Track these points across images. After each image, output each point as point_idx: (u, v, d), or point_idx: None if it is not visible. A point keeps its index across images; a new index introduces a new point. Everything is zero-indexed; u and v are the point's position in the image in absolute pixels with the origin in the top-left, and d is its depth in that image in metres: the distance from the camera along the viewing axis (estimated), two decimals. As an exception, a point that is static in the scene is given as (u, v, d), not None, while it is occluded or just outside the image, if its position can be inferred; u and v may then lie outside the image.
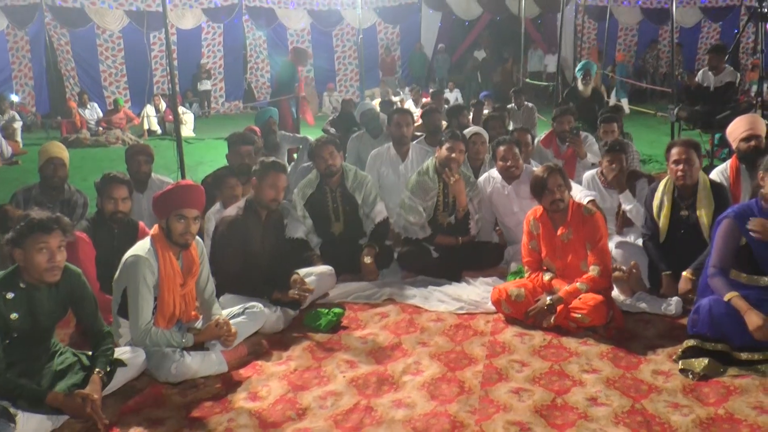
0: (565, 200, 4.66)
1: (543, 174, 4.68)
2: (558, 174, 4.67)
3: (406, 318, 4.87)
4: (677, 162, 4.81)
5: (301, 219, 5.81)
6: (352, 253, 5.68)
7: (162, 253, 3.96)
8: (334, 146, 5.74)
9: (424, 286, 5.44)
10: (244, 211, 4.81)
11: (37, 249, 3.36)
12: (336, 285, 5.44)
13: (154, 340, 3.89)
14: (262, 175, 4.78)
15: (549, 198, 4.67)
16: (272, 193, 4.78)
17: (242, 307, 4.39)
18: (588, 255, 4.61)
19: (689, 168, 4.77)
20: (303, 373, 4.06)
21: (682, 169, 4.79)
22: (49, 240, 3.38)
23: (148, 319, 3.90)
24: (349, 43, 21.51)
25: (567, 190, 4.70)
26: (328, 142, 5.77)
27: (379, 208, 5.84)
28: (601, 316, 4.42)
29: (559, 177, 4.65)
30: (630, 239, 5.55)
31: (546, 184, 4.65)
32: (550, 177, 4.64)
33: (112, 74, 18.79)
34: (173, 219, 3.98)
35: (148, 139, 15.30)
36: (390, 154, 6.86)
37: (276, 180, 4.78)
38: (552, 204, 4.66)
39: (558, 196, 4.63)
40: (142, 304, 3.87)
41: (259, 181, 4.80)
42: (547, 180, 4.64)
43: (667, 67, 20.53)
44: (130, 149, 6.23)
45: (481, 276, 5.59)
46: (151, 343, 3.89)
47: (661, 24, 21.41)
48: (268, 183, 4.77)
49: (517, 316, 4.68)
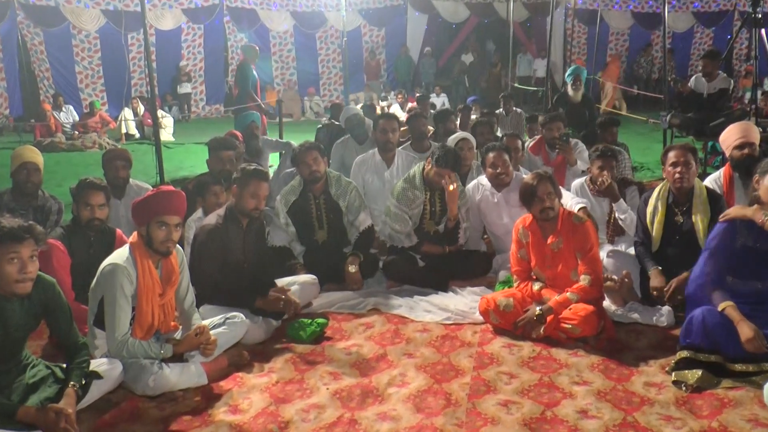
0: (555, 208, 4.68)
1: (533, 181, 4.69)
2: (548, 181, 4.68)
3: (392, 328, 4.86)
4: (675, 164, 4.84)
5: (284, 227, 5.81)
6: (336, 261, 5.67)
7: (141, 262, 3.93)
8: (318, 152, 5.74)
9: (410, 295, 5.44)
10: (224, 219, 4.80)
11: (8, 259, 3.27)
12: (319, 294, 5.43)
13: (131, 352, 3.86)
14: (243, 183, 4.77)
15: (538, 206, 4.69)
16: (253, 202, 4.77)
17: (223, 317, 4.37)
18: (578, 264, 4.63)
19: (687, 171, 4.80)
20: (285, 385, 4.04)
21: (680, 171, 4.81)
22: (20, 250, 3.29)
23: (126, 329, 3.88)
24: (333, 45, 21.55)
25: (557, 198, 4.71)
26: (312, 147, 5.76)
27: (363, 216, 5.84)
28: (592, 326, 4.44)
29: (548, 185, 4.67)
30: (621, 248, 5.57)
31: (535, 191, 4.66)
32: (539, 184, 4.66)
33: (88, 76, 18.67)
34: (154, 226, 3.96)
35: (125, 143, 15.21)
36: (375, 160, 6.86)
37: (257, 189, 4.77)
38: (542, 212, 4.68)
39: (548, 204, 4.65)
40: (120, 314, 3.84)
41: (239, 190, 4.78)
42: (537, 188, 4.65)
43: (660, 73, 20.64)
44: (108, 154, 6.20)
45: (469, 285, 5.59)
46: (129, 355, 3.86)
47: (653, 29, 21.61)
48: (249, 192, 4.76)
49: (506, 326, 4.69)
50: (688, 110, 9.49)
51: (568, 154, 7.10)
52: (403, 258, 5.73)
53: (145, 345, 3.90)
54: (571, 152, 7.11)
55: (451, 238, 5.76)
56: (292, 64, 21.50)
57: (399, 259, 5.72)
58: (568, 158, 7.10)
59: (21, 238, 3.30)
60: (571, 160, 7.09)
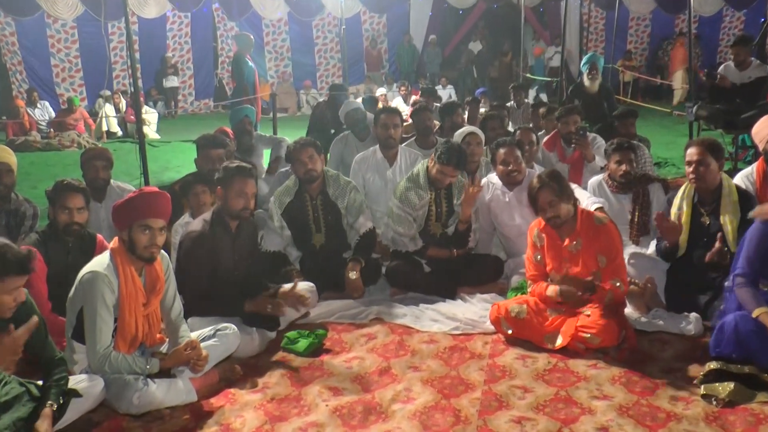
0: (561, 216, 4.63)
1: (535, 186, 4.67)
2: (549, 188, 4.60)
3: (396, 340, 4.86)
4: (689, 163, 4.88)
5: (279, 230, 5.81)
6: (336, 267, 5.68)
7: (123, 269, 3.93)
8: (314, 148, 5.73)
9: (415, 304, 5.44)
10: (211, 224, 4.79)
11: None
12: (318, 303, 5.43)
13: (114, 366, 3.86)
14: (227, 182, 4.76)
15: (542, 216, 4.70)
16: (241, 201, 4.76)
17: (213, 328, 4.37)
18: (601, 271, 4.61)
19: (704, 170, 4.81)
20: (281, 402, 4.04)
21: (693, 171, 4.85)
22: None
23: (108, 342, 3.87)
24: (331, 34, 21.60)
25: (564, 202, 4.63)
26: (307, 144, 5.76)
27: (364, 218, 5.85)
28: (612, 335, 4.42)
29: (549, 192, 4.60)
30: (644, 250, 5.56)
31: (536, 199, 4.67)
32: (540, 192, 4.63)
33: (65, 69, 18.64)
34: (137, 230, 3.95)
35: (107, 142, 15.25)
36: (376, 158, 6.86)
37: (243, 186, 4.76)
38: (548, 221, 4.68)
39: (550, 215, 4.64)
40: (101, 325, 3.84)
41: (224, 190, 4.77)
42: (538, 196, 4.65)
43: (686, 62, 20.56)
44: (87, 153, 6.20)
45: (479, 292, 5.60)
46: (111, 370, 3.86)
47: (677, 13, 21.44)
48: (235, 191, 4.75)
49: (519, 336, 4.69)
50: (717, 101, 9.44)
51: (585, 150, 7.07)
52: (408, 263, 5.73)
53: (129, 359, 3.90)
54: (588, 147, 7.08)
55: (460, 241, 5.76)
56: (287, 54, 21.55)
57: (403, 265, 5.72)
58: (585, 154, 7.07)
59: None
60: (589, 156, 7.06)
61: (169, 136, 15.80)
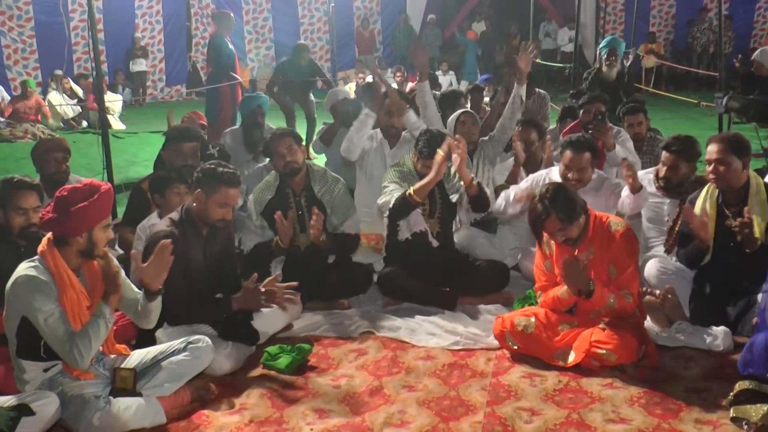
0: (573, 236, 4.62)
1: (539, 214, 4.57)
2: (554, 216, 4.52)
3: (389, 355, 4.87)
4: (708, 162, 4.92)
5: (259, 230, 5.79)
6: (321, 273, 5.69)
7: (57, 272, 3.89)
8: (293, 138, 5.77)
9: (410, 315, 5.46)
10: (180, 224, 4.77)
11: None
12: (301, 315, 5.44)
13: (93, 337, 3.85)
14: (210, 189, 4.72)
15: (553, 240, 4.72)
16: (221, 212, 4.75)
17: (184, 341, 4.35)
18: (612, 282, 4.62)
19: (725, 170, 4.84)
20: (261, 425, 4.04)
21: (713, 170, 4.90)
22: None
23: (70, 329, 3.83)
24: (318, 13, 21.61)
25: (574, 222, 4.57)
26: (285, 134, 5.80)
27: (351, 222, 5.88)
28: (630, 351, 4.44)
29: (556, 221, 4.53)
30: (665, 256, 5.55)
31: (543, 229, 4.64)
32: (547, 222, 4.56)
33: (18, 50, 18.55)
34: (99, 231, 3.97)
35: (64, 132, 15.18)
36: (377, 138, 6.96)
37: (227, 198, 4.74)
38: (563, 243, 4.69)
39: (562, 239, 4.64)
40: (52, 319, 3.80)
41: (205, 196, 4.74)
42: (545, 225, 4.60)
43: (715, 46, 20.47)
44: (41, 145, 6.19)
45: (482, 303, 5.62)
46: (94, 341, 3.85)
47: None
48: (218, 201, 4.72)
49: (527, 351, 4.70)
50: (751, 91, 9.45)
51: (603, 136, 6.92)
52: (403, 270, 5.73)
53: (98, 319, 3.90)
54: (607, 134, 6.96)
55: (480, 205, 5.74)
56: (269, 35, 21.56)
57: (397, 271, 5.73)
58: (604, 142, 6.94)
59: None
60: (608, 144, 6.96)
61: (136, 127, 15.79)
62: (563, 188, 4.69)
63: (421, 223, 5.75)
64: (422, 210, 5.75)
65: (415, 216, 5.71)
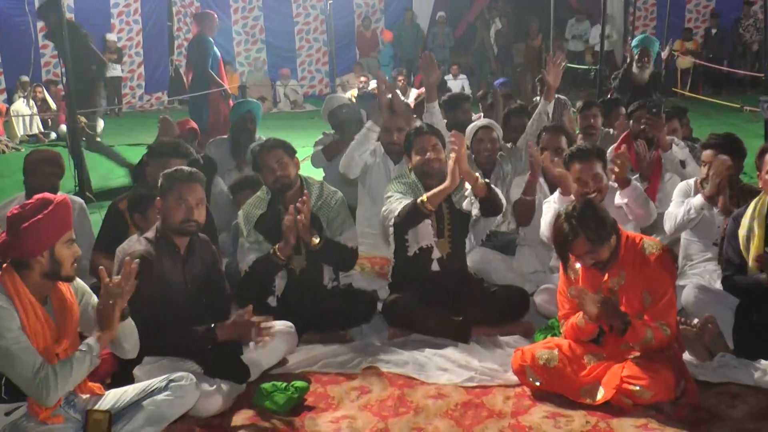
0: (604, 259, 4.59)
1: (566, 235, 4.55)
2: (583, 237, 4.49)
3: (395, 394, 4.86)
4: (759, 167, 4.90)
5: (255, 246, 5.71)
6: (319, 299, 5.70)
7: (19, 301, 3.86)
8: (284, 150, 5.76)
9: (419, 348, 5.44)
10: (155, 244, 4.79)
11: None
12: (297, 348, 5.43)
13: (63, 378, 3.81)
14: (166, 189, 4.78)
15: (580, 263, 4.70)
16: (179, 212, 4.75)
17: (166, 378, 4.33)
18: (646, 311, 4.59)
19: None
20: (250, 472, 4.04)
21: None
22: None
23: (39, 360, 3.80)
24: (315, 11, 21.70)
25: (605, 243, 4.54)
26: (275, 145, 5.78)
27: (349, 234, 5.86)
28: (667, 388, 4.41)
29: (585, 242, 4.50)
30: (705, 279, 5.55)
31: (571, 251, 4.61)
32: (574, 244, 4.54)
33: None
34: (62, 248, 3.95)
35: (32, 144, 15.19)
36: (379, 153, 6.97)
37: (183, 192, 4.75)
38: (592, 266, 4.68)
39: (591, 262, 4.61)
40: (19, 352, 3.75)
41: (163, 200, 4.78)
42: (572, 247, 4.57)
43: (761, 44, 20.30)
44: (36, 155, 6.41)
45: (499, 334, 5.62)
46: (62, 386, 3.82)
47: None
48: (174, 197, 4.74)
49: (550, 388, 4.68)
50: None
51: (658, 132, 6.88)
52: (410, 297, 5.72)
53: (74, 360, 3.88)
54: (662, 129, 6.91)
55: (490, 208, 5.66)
56: (260, 36, 21.65)
57: (404, 299, 5.72)
58: (659, 140, 6.90)
59: None
60: (663, 142, 6.90)
61: (111, 139, 15.71)
62: (592, 205, 4.68)
63: (429, 237, 5.75)
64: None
65: (424, 228, 5.71)
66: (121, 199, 6.28)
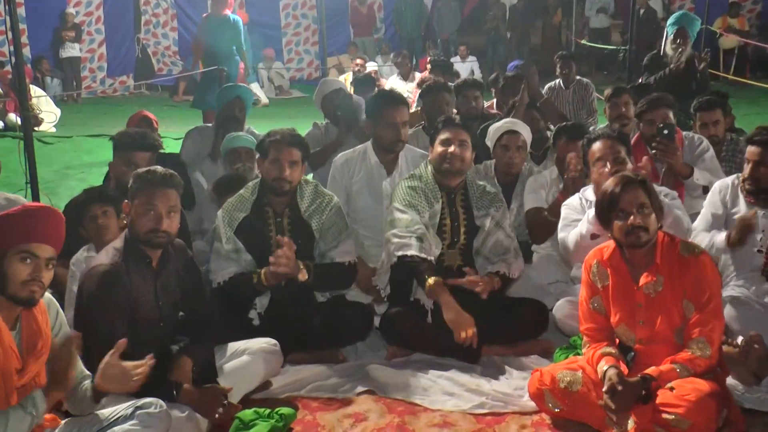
0: (650, 229, 4.58)
1: (615, 187, 4.58)
2: (639, 187, 4.57)
3: (395, 422, 4.87)
4: None
5: (231, 255, 5.70)
6: (307, 315, 5.69)
7: None
8: (300, 150, 5.69)
9: (422, 369, 5.45)
10: (123, 255, 4.76)
11: None
12: (283, 369, 5.44)
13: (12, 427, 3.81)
14: (135, 192, 4.74)
15: (622, 225, 4.61)
16: (149, 219, 4.69)
17: (132, 405, 4.32)
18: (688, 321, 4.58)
19: None
20: None
21: None
22: None
23: None
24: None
25: (655, 213, 4.62)
26: (294, 142, 5.69)
27: (346, 247, 5.85)
28: (708, 417, 4.38)
29: (640, 192, 4.56)
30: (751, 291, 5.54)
31: (617, 201, 4.57)
32: (624, 192, 4.55)
33: None
34: (13, 259, 3.88)
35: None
36: (368, 162, 6.80)
37: (152, 197, 4.70)
38: (628, 234, 4.61)
39: (638, 221, 4.53)
40: None
41: (132, 205, 4.76)
42: (620, 196, 4.56)
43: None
44: None
45: (514, 353, 5.64)
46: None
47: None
48: (143, 202, 4.70)
49: (572, 416, 4.69)
50: None
51: (670, 157, 6.34)
52: (412, 311, 5.73)
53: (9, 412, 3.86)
54: (674, 154, 6.34)
55: None
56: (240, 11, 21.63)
57: (405, 313, 5.72)
58: (672, 165, 6.43)
59: None
60: (681, 170, 6.45)
61: (69, 129, 15.77)
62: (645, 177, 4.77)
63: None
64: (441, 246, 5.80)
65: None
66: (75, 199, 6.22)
